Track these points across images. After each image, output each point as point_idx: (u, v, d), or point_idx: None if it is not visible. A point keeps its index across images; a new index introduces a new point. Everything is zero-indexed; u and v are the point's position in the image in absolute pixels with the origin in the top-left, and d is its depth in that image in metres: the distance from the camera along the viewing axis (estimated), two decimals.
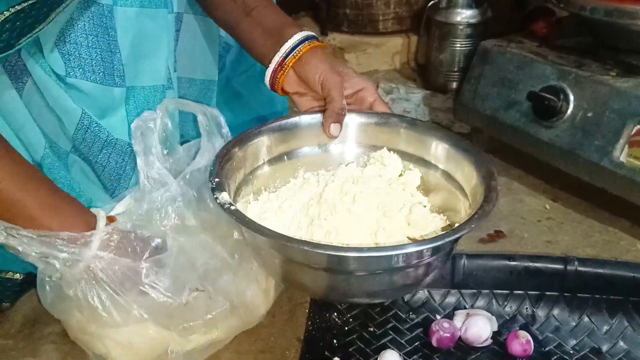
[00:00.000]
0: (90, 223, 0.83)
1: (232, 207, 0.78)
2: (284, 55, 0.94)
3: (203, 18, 1.05)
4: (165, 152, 0.95)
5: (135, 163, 0.96)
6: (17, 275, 1.01)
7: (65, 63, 0.90)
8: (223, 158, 0.86)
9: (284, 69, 0.94)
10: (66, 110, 0.91)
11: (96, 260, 0.84)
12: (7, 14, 0.75)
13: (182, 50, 1.04)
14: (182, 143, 1.01)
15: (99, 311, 0.84)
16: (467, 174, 0.87)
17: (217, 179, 0.82)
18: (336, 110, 0.91)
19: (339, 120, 0.92)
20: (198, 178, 0.94)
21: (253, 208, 0.90)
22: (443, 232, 0.81)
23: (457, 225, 0.79)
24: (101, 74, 0.92)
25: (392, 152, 0.94)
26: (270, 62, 0.95)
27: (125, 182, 0.97)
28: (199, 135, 0.96)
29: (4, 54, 0.79)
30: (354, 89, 0.95)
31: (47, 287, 0.87)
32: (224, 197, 0.79)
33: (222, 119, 0.94)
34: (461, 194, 0.88)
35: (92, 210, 0.85)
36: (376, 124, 0.95)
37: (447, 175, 0.90)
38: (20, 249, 0.83)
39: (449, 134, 0.92)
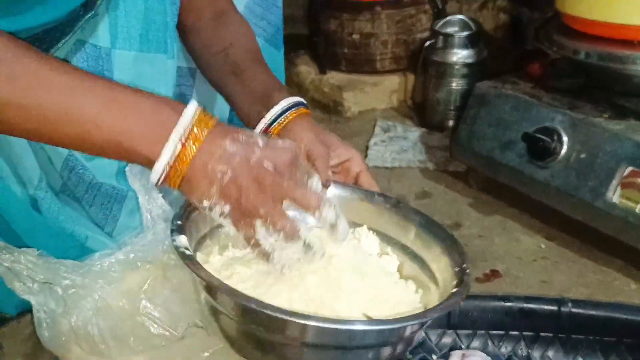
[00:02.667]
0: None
1: (187, 252, 0.70)
2: (269, 122, 0.90)
3: None
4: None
5: (122, 205, 0.96)
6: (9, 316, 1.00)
7: None
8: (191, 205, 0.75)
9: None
10: (54, 149, 0.91)
11: (98, 289, 0.85)
12: None
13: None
14: None
15: (96, 340, 0.84)
16: (442, 266, 0.80)
17: (179, 222, 0.74)
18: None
19: None
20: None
21: (214, 261, 0.80)
22: (404, 316, 0.71)
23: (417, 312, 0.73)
24: None
25: (371, 231, 0.86)
26: (255, 129, 0.91)
27: (112, 223, 0.97)
28: None
29: None
30: (340, 159, 0.91)
31: (44, 323, 0.87)
32: (182, 240, 0.71)
33: None
34: (434, 285, 0.80)
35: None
36: (360, 200, 0.89)
37: (422, 264, 0.83)
38: (25, 273, 0.83)
39: (430, 222, 0.84)
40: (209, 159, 0.67)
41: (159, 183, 0.68)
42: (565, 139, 1.17)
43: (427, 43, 1.67)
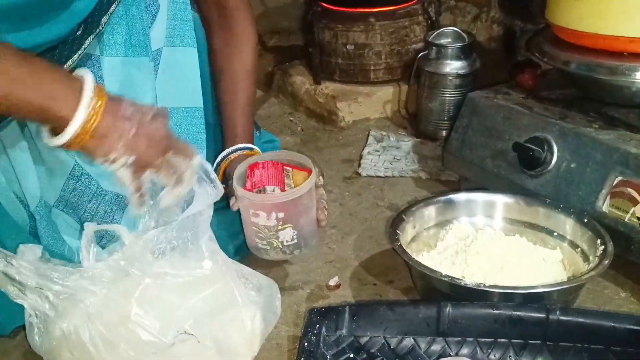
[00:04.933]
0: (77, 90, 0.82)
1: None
2: (223, 156, 1.15)
3: (182, 49, 1.06)
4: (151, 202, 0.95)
5: (123, 212, 0.97)
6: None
7: None
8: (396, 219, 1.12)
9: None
10: (60, 161, 0.93)
11: (90, 295, 0.85)
12: None
13: (163, 81, 1.06)
14: None
15: (87, 346, 0.85)
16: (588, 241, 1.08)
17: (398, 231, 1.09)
18: None
19: None
20: (193, 223, 0.94)
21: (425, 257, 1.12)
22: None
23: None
24: None
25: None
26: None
27: (112, 231, 0.98)
28: None
29: None
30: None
31: (36, 329, 0.88)
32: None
33: (208, 166, 0.95)
34: (583, 260, 1.08)
35: (78, 72, 0.85)
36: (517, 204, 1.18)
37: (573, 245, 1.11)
38: (17, 277, 0.84)
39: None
40: (115, 118, 0.83)
41: (68, 143, 0.81)
42: (555, 148, 1.18)
43: (421, 54, 1.67)
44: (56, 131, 0.81)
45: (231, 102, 1.15)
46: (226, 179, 1.14)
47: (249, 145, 1.16)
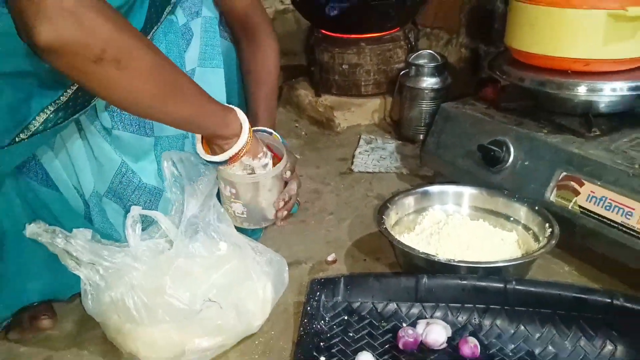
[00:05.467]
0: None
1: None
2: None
3: (212, 69, 1.04)
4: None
5: (159, 200, 0.97)
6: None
7: (111, 119, 0.92)
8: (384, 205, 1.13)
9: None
10: (110, 159, 0.93)
11: (133, 270, 0.85)
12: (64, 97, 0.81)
13: None
14: None
15: (132, 311, 0.85)
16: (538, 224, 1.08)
17: (383, 216, 1.08)
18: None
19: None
20: (209, 210, 0.94)
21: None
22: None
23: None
24: (137, 126, 0.94)
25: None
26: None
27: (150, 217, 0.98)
28: None
29: (59, 125, 0.82)
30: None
31: (89, 295, 0.88)
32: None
33: (195, 160, 0.93)
34: (534, 240, 1.08)
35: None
36: (481, 194, 1.18)
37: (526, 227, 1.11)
38: (74, 254, 0.84)
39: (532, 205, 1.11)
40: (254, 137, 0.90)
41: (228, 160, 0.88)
42: (512, 149, 1.18)
43: (402, 72, 1.66)
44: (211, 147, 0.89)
45: (255, 92, 1.11)
46: None
47: (269, 129, 1.08)
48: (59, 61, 0.65)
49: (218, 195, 0.97)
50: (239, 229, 0.98)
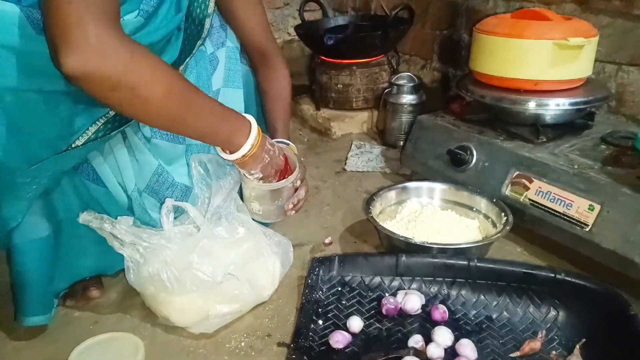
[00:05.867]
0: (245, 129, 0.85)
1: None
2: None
3: (233, 90, 1.04)
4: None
5: (189, 197, 0.96)
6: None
7: (150, 130, 0.92)
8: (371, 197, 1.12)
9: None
10: (148, 162, 0.92)
11: (166, 249, 0.86)
12: (112, 112, 0.82)
13: None
14: None
15: (165, 283, 0.86)
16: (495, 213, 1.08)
17: (370, 207, 1.08)
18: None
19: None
20: (230, 200, 0.94)
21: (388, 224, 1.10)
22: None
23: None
24: (171, 136, 0.94)
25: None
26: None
27: (182, 209, 0.98)
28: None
29: (107, 135, 0.83)
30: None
31: (131, 269, 0.88)
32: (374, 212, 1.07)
33: (221, 161, 0.93)
34: (492, 226, 1.08)
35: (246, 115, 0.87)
36: (450, 189, 1.17)
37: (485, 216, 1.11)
38: (119, 236, 0.84)
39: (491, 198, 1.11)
40: (262, 150, 0.88)
41: (235, 161, 0.86)
42: (475, 153, 1.18)
43: (386, 90, 1.66)
44: (224, 150, 0.86)
45: (272, 109, 1.11)
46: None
47: (286, 140, 1.08)
48: (81, 86, 0.64)
49: (240, 191, 0.97)
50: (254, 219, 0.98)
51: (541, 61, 1.11)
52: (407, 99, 1.61)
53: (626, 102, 1.29)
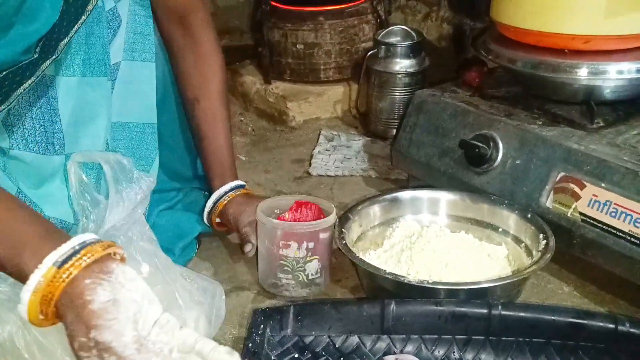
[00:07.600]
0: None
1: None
2: (218, 196, 1.18)
3: (140, 63, 1.06)
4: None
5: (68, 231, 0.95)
6: None
7: (9, 136, 0.91)
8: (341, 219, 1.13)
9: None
10: (5, 185, 0.91)
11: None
12: None
13: (118, 95, 1.06)
14: None
15: (22, 352, 0.83)
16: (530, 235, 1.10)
17: (344, 230, 1.09)
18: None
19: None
20: (129, 227, 0.93)
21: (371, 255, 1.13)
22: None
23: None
24: (43, 143, 0.93)
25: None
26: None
27: None
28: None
29: None
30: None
31: None
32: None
33: (128, 164, 0.94)
34: (527, 255, 1.09)
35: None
36: (463, 201, 1.19)
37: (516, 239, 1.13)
38: None
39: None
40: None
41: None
42: (501, 145, 1.18)
43: (370, 52, 1.68)
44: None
45: (212, 135, 1.17)
46: (227, 218, 1.17)
47: (241, 182, 1.19)
48: None
49: (149, 209, 0.98)
50: (164, 250, 0.98)
51: (595, 7, 1.12)
52: (402, 65, 1.62)
53: None
